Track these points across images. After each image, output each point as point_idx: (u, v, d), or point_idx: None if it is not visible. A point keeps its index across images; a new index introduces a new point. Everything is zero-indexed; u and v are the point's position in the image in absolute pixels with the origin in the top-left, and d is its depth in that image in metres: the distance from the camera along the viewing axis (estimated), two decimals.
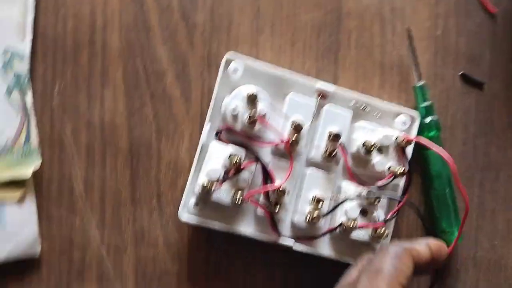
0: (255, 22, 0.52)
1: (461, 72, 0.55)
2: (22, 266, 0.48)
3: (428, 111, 0.52)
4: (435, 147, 0.48)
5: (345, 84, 0.52)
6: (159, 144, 0.51)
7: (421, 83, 0.52)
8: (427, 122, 0.51)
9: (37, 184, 0.49)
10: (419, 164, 0.53)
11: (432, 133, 0.51)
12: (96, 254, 0.50)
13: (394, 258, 0.40)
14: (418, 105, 0.52)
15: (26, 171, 0.48)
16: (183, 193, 0.47)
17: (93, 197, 0.50)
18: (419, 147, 0.51)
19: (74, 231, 0.50)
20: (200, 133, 0.48)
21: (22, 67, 0.48)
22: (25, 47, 0.49)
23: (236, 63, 0.48)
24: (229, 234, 0.49)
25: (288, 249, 0.49)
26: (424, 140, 0.49)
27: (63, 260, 0.49)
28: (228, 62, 0.48)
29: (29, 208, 0.48)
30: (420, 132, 0.51)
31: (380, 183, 0.49)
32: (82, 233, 0.50)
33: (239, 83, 0.48)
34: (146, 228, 0.50)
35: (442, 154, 0.47)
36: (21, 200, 0.48)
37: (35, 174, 0.48)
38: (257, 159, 0.47)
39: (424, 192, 0.53)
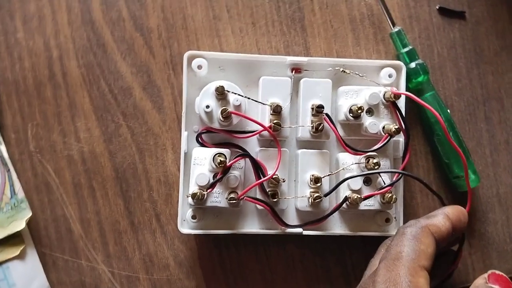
0: (210, 10, 0.49)
1: (438, 6, 0.51)
2: None
3: (411, 57, 0.49)
4: (417, 100, 0.46)
5: (318, 52, 0.50)
6: (144, 163, 0.49)
7: (396, 29, 0.49)
8: (412, 67, 0.48)
9: (35, 234, 0.48)
10: (417, 113, 0.50)
11: (420, 78, 0.48)
12: None
13: (411, 240, 0.39)
14: (399, 53, 0.49)
15: (20, 224, 0.46)
16: None
17: (93, 234, 0.48)
18: None
19: (83, 272, 0.48)
20: None
21: None
22: None
23: (198, 60, 0.46)
24: (235, 235, 0.47)
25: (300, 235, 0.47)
26: (408, 93, 0.46)
27: None
28: (190, 60, 0.46)
29: (33, 260, 0.47)
30: (407, 80, 0.48)
31: (377, 146, 0.46)
32: (91, 273, 0.48)
33: (208, 79, 0.46)
34: (153, 252, 0.48)
35: (428, 107, 0.45)
36: (22, 254, 0.47)
37: (30, 224, 0.47)
38: (243, 153, 0.45)
39: (428, 141, 0.50)
